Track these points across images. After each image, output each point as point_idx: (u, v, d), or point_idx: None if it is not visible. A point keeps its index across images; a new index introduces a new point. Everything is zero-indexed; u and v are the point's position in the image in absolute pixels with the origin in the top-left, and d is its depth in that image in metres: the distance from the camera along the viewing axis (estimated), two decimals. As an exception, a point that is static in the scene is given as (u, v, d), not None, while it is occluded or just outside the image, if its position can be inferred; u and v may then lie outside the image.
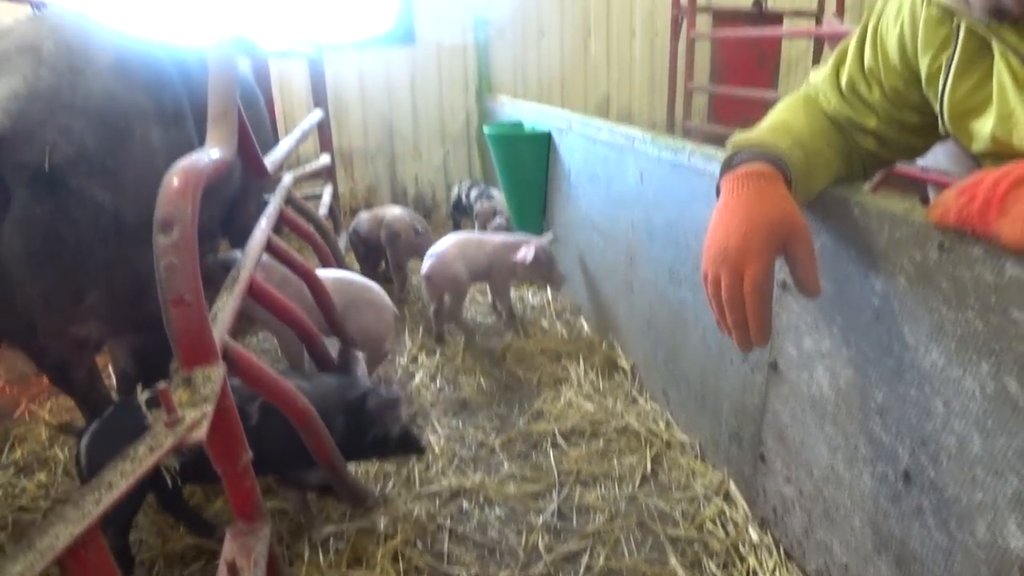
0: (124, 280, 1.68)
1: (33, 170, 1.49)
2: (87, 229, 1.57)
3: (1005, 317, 0.98)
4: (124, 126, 1.63)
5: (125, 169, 1.61)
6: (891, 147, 1.36)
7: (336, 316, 2.35)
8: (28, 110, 1.50)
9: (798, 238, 1.13)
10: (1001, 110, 1.04)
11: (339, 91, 4.95)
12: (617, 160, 2.57)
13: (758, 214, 1.13)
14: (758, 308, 1.12)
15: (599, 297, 2.94)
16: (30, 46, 1.60)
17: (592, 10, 5.51)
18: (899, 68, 1.24)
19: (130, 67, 1.71)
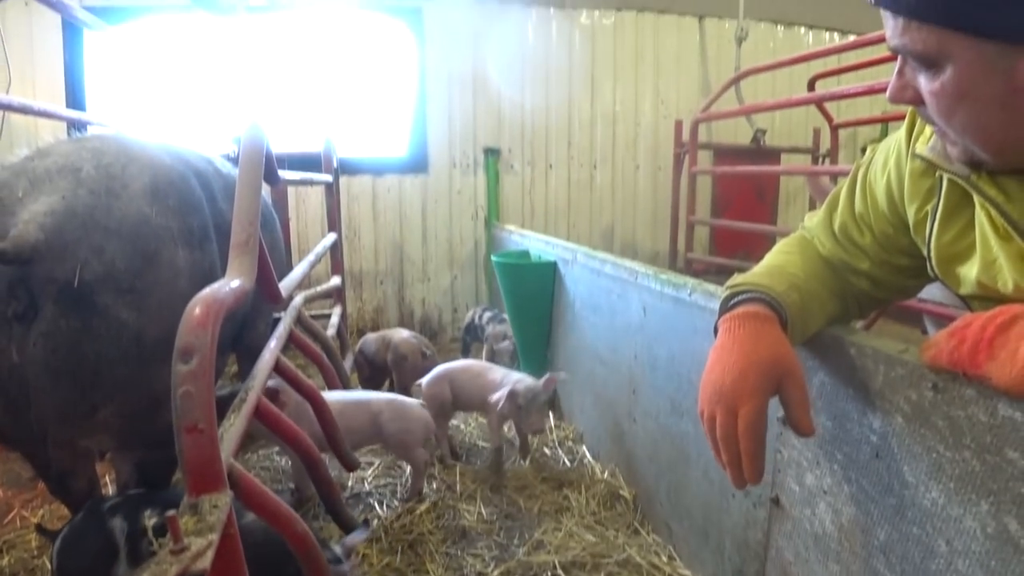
0: (139, 397, 1.71)
1: (62, 285, 1.55)
2: (109, 346, 1.62)
3: (1001, 457, 1.00)
4: (153, 249, 1.70)
5: (151, 290, 1.67)
6: (884, 288, 1.41)
7: (339, 438, 2.36)
8: (63, 228, 1.57)
9: (792, 379, 1.17)
10: (984, 257, 1.09)
11: (353, 214, 5.13)
12: (620, 293, 2.63)
13: (753, 354, 1.18)
14: (751, 447, 1.14)
15: (602, 426, 2.93)
16: (71, 167, 1.69)
17: (598, 144, 5.76)
18: (888, 215, 1.31)
19: (163, 191, 1.79)
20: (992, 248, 1.08)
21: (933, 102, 1.00)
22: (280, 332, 2.32)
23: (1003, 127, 0.97)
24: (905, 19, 0.97)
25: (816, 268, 1.41)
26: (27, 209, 1.60)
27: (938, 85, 0.98)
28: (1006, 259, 1.05)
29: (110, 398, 1.69)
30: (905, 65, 1.04)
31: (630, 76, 5.77)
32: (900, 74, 1.05)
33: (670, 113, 5.80)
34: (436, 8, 5.24)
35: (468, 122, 5.38)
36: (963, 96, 0.97)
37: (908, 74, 1.04)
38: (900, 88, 1.05)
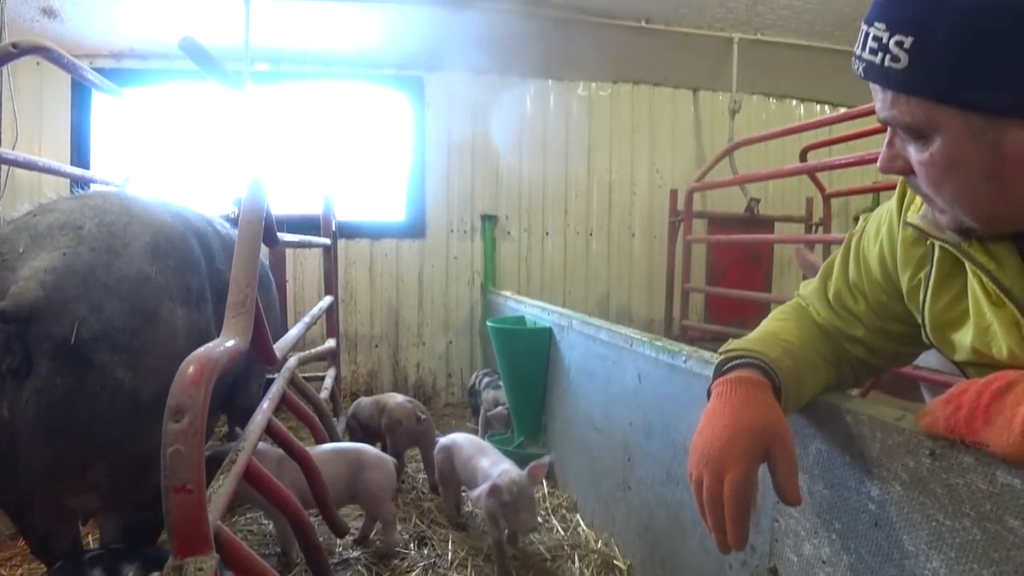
0: (130, 457, 1.68)
1: (59, 342, 1.53)
2: (103, 405, 1.59)
3: (1002, 525, 0.98)
4: (152, 308, 1.69)
5: (148, 349, 1.66)
6: (879, 355, 1.42)
7: (329, 502, 2.32)
8: (63, 285, 1.56)
9: (781, 446, 1.17)
10: (978, 324, 1.10)
11: (350, 278, 5.16)
12: (616, 359, 2.63)
13: (743, 420, 1.18)
14: (736, 512, 1.13)
15: (596, 494, 2.89)
16: (73, 224, 1.69)
17: (595, 212, 5.82)
18: (881, 283, 1.32)
19: (163, 250, 1.79)
20: (985, 314, 1.08)
21: (923, 172, 1.03)
22: (273, 393, 2.31)
23: (991, 196, 0.99)
24: (894, 92, 1.00)
25: (811, 335, 1.42)
26: (28, 265, 1.59)
27: (927, 155, 1.00)
28: (999, 325, 1.06)
29: (101, 457, 1.65)
30: (895, 136, 1.07)
31: (626, 146, 5.87)
32: (890, 145, 1.07)
33: (665, 182, 5.88)
34: (437, 78, 5.37)
35: (466, 188, 5.45)
36: (951, 166, 0.99)
37: (898, 145, 1.06)
38: (890, 158, 1.08)
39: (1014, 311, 1.04)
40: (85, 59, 4.40)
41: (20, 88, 4.27)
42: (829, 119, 4.23)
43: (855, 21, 1.06)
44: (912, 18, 0.95)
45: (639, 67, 5.64)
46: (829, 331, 1.43)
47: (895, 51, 0.96)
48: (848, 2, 4.45)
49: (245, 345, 1.37)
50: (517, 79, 5.56)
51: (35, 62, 4.39)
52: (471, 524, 3.04)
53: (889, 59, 0.97)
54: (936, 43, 0.93)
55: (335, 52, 5.10)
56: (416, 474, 3.62)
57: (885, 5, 0.99)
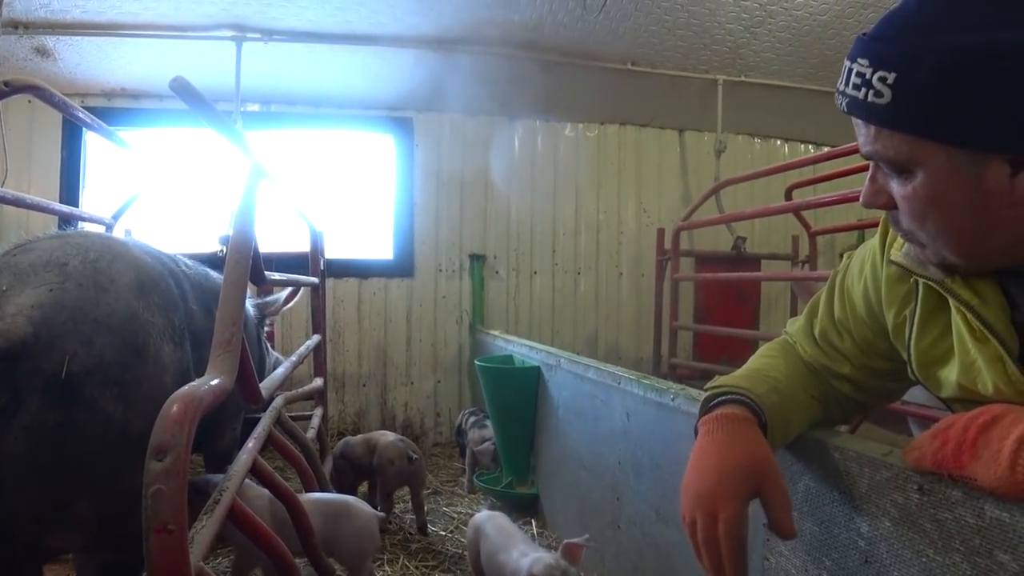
0: (116, 495, 1.64)
1: (49, 377, 1.51)
2: (94, 440, 1.57)
3: (991, 560, 0.98)
4: (141, 343, 1.68)
5: (139, 385, 1.64)
6: (866, 391, 1.42)
7: (315, 544, 2.28)
8: (52, 320, 1.55)
9: (771, 482, 1.17)
10: (963, 360, 1.10)
11: (338, 317, 5.14)
12: (604, 398, 2.62)
13: (731, 458, 1.18)
14: (732, 551, 1.12)
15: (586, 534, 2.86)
16: (56, 261, 1.69)
17: (582, 251, 5.85)
18: (866, 320, 1.33)
19: (148, 287, 1.80)
20: (970, 351, 1.09)
21: (905, 206, 1.04)
22: (259, 432, 2.28)
23: (973, 232, 1.00)
24: (877, 127, 1.01)
25: (797, 372, 1.42)
26: (13, 302, 1.57)
27: (910, 190, 1.01)
28: (984, 361, 1.06)
29: (86, 495, 1.62)
30: (877, 171, 1.08)
31: (613, 186, 5.92)
32: (873, 180, 1.09)
33: (652, 221, 5.92)
34: (426, 119, 5.42)
35: (454, 228, 5.47)
36: (934, 201, 1.00)
37: (880, 180, 1.08)
38: (873, 193, 1.09)
39: (998, 347, 1.04)
40: (76, 97, 4.45)
41: (11, 125, 4.28)
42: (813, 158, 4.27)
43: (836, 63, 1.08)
44: (895, 55, 0.97)
45: (626, 108, 5.71)
46: (816, 368, 1.43)
47: (878, 87, 0.98)
48: (829, 45, 4.53)
49: (230, 384, 1.36)
50: (506, 120, 5.62)
51: (27, 100, 4.42)
52: (460, 565, 3.00)
53: (872, 94, 0.98)
54: (918, 79, 0.94)
55: (325, 93, 5.14)
56: (403, 514, 3.58)
57: (869, 42, 1.01)
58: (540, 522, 3.41)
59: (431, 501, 3.82)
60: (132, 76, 4.67)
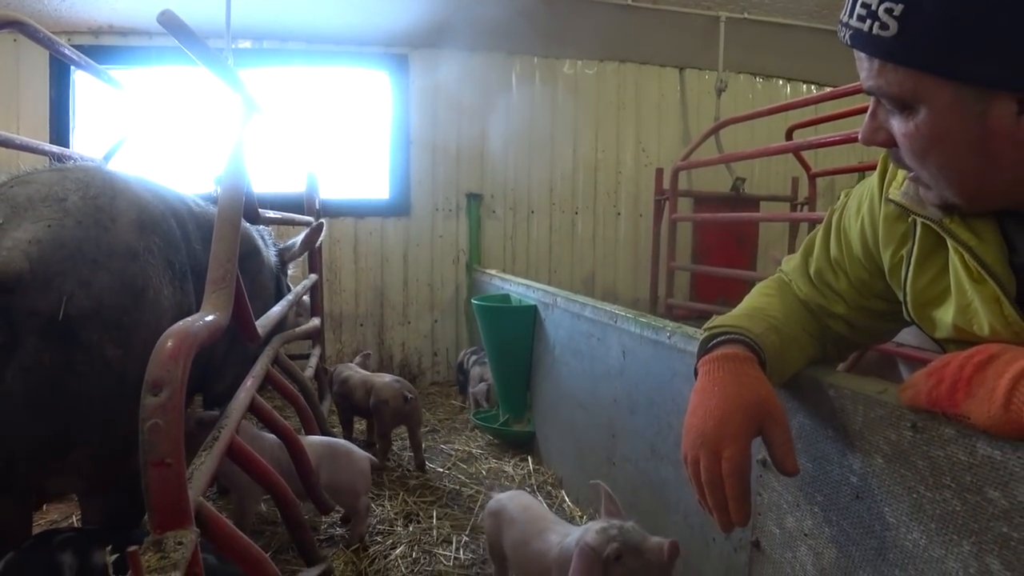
0: (115, 439, 1.63)
1: (46, 318, 1.47)
2: (92, 384, 1.55)
3: (982, 496, 0.99)
4: (141, 286, 1.64)
5: (138, 328, 1.61)
6: (860, 331, 1.42)
7: (315, 480, 2.31)
8: (50, 258, 1.50)
9: (774, 420, 1.17)
10: (959, 302, 1.10)
11: (334, 257, 5.11)
12: (600, 336, 2.63)
13: (735, 397, 1.18)
14: (737, 490, 1.14)
15: (581, 471, 2.90)
16: (55, 196, 1.62)
17: (580, 191, 5.80)
18: (863, 260, 1.32)
19: (149, 227, 1.75)
20: (966, 292, 1.08)
21: (906, 144, 1.02)
22: (257, 371, 2.29)
23: (976, 171, 0.99)
24: (881, 61, 0.98)
25: (794, 310, 1.42)
26: (9, 236, 1.52)
27: (912, 127, 0.99)
28: (980, 302, 1.06)
29: (86, 439, 1.61)
30: (879, 107, 1.05)
31: (612, 125, 5.85)
32: (873, 116, 1.06)
33: (651, 161, 5.87)
34: (422, 56, 5.31)
35: (451, 167, 5.41)
36: (937, 139, 0.98)
37: (881, 116, 1.05)
38: (873, 130, 1.07)
39: (995, 288, 1.03)
40: (63, 35, 4.34)
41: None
42: (815, 98, 4.21)
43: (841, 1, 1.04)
44: None
45: (626, 45, 5.60)
46: (811, 307, 1.43)
47: (884, 18, 0.94)
48: (835, -20, 4.43)
49: (225, 321, 1.35)
50: (502, 55, 5.51)
51: (12, 38, 4.32)
52: (457, 501, 3.05)
53: (878, 26, 0.95)
54: (926, 11, 0.91)
55: (319, 29, 5.02)
56: (402, 452, 3.62)
57: None
58: (536, 459, 3.46)
59: (429, 439, 3.86)
60: (119, 13, 4.55)
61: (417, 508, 2.95)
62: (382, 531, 2.74)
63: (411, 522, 2.83)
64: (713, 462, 1.15)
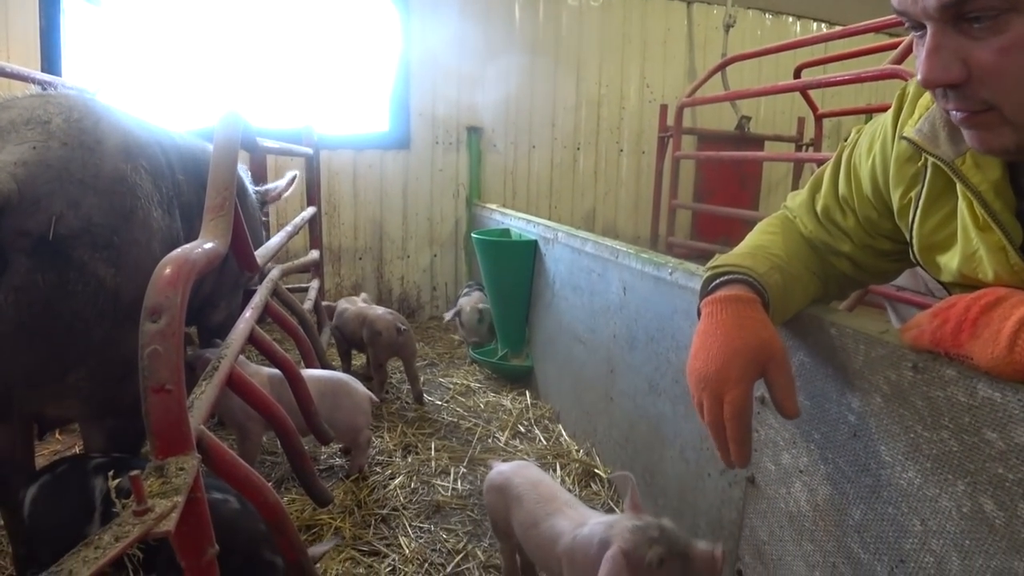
0: (111, 361, 1.65)
1: (37, 238, 1.48)
2: (85, 304, 1.56)
3: (979, 437, 0.99)
4: (129, 206, 1.64)
5: (128, 248, 1.61)
6: (865, 270, 1.41)
7: (314, 411, 2.33)
8: (36, 178, 1.50)
9: (777, 364, 1.17)
10: (965, 249, 1.08)
11: (333, 190, 5.06)
12: (601, 272, 2.62)
13: (737, 340, 1.17)
14: (738, 433, 1.14)
15: (579, 406, 2.93)
16: (38, 119, 1.62)
17: (583, 127, 5.73)
18: (871, 199, 1.30)
19: (135, 151, 1.74)
20: (972, 239, 1.07)
21: (1005, 62, 0.88)
22: (256, 302, 2.29)
23: None
24: None
25: (798, 249, 1.40)
26: None
27: (1006, 40, 0.86)
28: (986, 250, 1.04)
29: (82, 361, 1.63)
30: (945, 36, 0.91)
31: (616, 59, 5.74)
32: (937, 50, 0.91)
33: (655, 97, 5.79)
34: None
35: (451, 99, 5.31)
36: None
37: (952, 46, 0.91)
38: (943, 66, 0.92)
39: (1000, 236, 1.02)
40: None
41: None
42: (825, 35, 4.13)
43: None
44: None
45: (633, -24, 5.46)
46: (816, 244, 1.42)
47: None
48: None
49: (224, 248, 1.34)
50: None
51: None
52: (455, 433, 3.09)
53: None
54: None
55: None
56: (400, 384, 3.65)
57: None
58: (534, 394, 3.49)
59: (427, 372, 3.89)
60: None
61: (415, 440, 2.99)
62: (381, 462, 2.78)
63: (409, 453, 2.87)
64: (715, 405, 1.15)
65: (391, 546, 2.20)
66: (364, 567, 2.08)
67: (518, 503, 1.84)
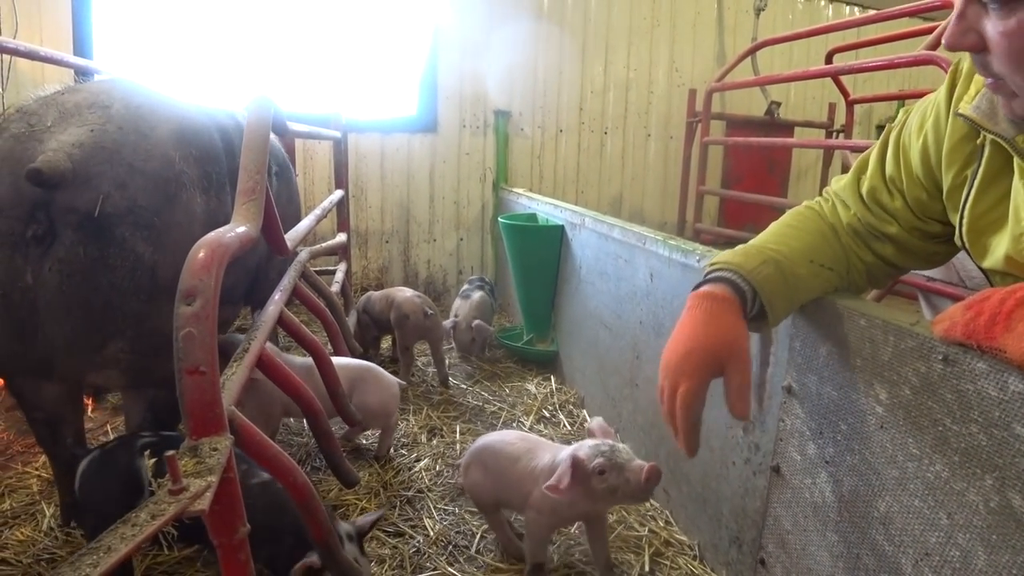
0: (148, 334, 1.75)
1: (83, 214, 1.60)
2: (123, 278, 1.66)
3: (1008, 432, 0.99)
4: (174, 191, 1.74)
5: (168, 230, 1.71)
6: (910, 254, 1.40)
7: (342, 393, 2.36)
8: (90, 159, 1.62)
9: (735, 364, 1.22)
10: (1014, 230, 1.06)
11: (360, 172, 5.08)
12: (628, 258, 2.61)
13: (701, 336, 1.24)
14: (684, 423, 1.22)
15: (604, 392, 2.94)
16: (101, 104, 1.75)
17: (610, 111, 5.70)
18: (922, 179, 1.28)
19: (187, 139, 1.84)
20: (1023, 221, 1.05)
21: (1006, 45, 0.93)
22: (284, 285, 2.31)
23: None
24: None
25: (810, 241, 1.40)
26: (55, 138, 1.64)
27: (1014, 23, 0.90)
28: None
29: (120, 333, 1.73)
30: (968, 6, 0.96)
31: (645, 42, 5.69)
32: (961, 17, 0.97)
33: (684, 82, 5.74)
34: (451, -33, 5.16)
35: (479, 83, 5.30)
36: None
37: (971, 16, 0.97)
38: (961, 32, 0.98)
39: None
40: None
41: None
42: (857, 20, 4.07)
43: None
44: None
45: (663, -42, 5.41)
46: (857, 228, 1.40)
47: None
48: None
49: (256, 232, 1.36)
50: (536, -32, 5.34)
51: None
52: (480, 417, 3.11)
53: None
54: None
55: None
56: (426, 368, 3.68)
57: None
58: (559, 379, 3.50)
59: (452, 356, 3.91)
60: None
61: (441, 423, 3.01)
62: (406, 444, 2.81)
63: (435, 436, 2.89)
64: (671, 395, 1.22)
65: (416, 527, 2.23)
66: (389, 548, 2.11)
67: (495, 457, 2.03)
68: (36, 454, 2.55)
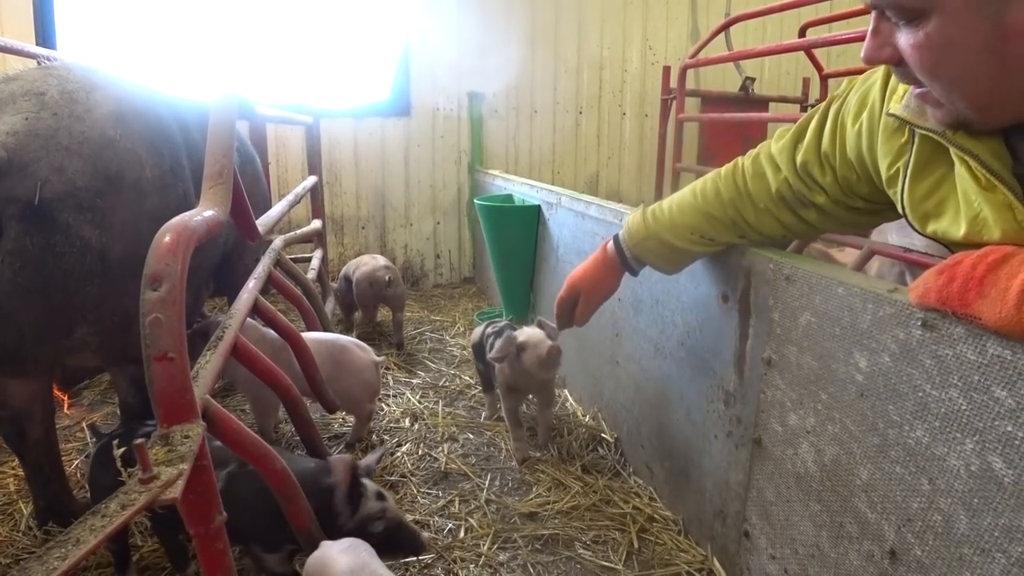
0: (112, 315, 1.75)
1: (25, 204, 1.58)
2: (74, 264, 1.66)
3: (988, 395, 0.99)
4: (116, 170, 1.72)
5: (114, 210, 1.70)
6: (834, 219, 1.49)
7: (320, 379, 2.33)
8: (25, 147, 1.60)
9: (585, 295, 1.96)
10: (967, 213, 1.06)
11: (334, 158, 5.03)
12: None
13: (580, 272, 1.96)
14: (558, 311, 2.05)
15: (584, 370, 2.93)
16: (36, 91, 1.73)
17: (585, 90, 5.66)
18: (853, 163, 1.32)
19: (128, 117, 1.81)
20: (974, 202, 1.05)
21: (916, 57, 0.96)
22: (259, 272, 2.28)
23: (991, 77, 0.93)
24: None
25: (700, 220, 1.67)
26: None
27: (922, 36, 0.93)
28: (991, 210, 1.02)
29: (83, 317, 1.73)
30: (881, 22, 1.00)
31: (618, 20, 5.65)
32: (876, 33, 1.00)
33: (658, 59, 5.71)
34: (421, -54, 5.09)
35: (452, 65, 5.24)
36: (948, 46, 0.92)
37: (885, 31, 1.00)
38: (877, 47, 1.01)
39: (1007, 194, 1.00)
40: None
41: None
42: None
43: None
44: None
45: (634, -66, 5.35)
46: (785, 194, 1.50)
47: None
48: None
49: (224, 216, 1.33)
50: (506, -54, 5.27)
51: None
52: (461, 400, 3.09)
53: None
54: None
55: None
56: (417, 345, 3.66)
57: None
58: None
59: (432, 340, 3.89)
60: None
61: (422, 407, 3.00)
62: (389, 429, 2.79)
63: (417, 421, 2.88)
64: (560, 294, 2.00)
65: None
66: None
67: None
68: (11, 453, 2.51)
